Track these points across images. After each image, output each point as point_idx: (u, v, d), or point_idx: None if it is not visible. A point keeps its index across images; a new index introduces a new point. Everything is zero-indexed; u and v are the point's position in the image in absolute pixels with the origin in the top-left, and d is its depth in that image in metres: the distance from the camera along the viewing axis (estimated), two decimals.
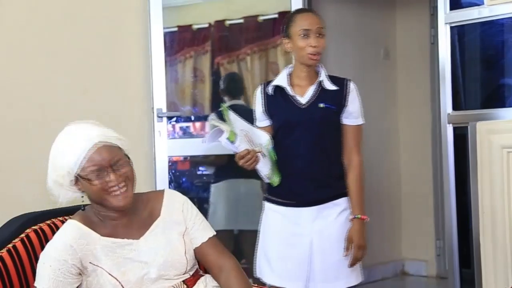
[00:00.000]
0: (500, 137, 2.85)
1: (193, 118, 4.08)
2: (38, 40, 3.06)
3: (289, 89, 2.55)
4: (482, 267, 2.89)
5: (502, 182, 2.82)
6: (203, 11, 4.02)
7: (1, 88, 2.95)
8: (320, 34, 2.51)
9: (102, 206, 1.92)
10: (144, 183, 3.14)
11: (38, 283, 1.86)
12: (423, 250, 4.80)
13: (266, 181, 2.56)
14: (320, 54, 2.51)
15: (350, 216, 2.53)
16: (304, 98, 2.53)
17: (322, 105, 2.51)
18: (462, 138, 3.23)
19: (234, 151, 2.41)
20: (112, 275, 1.88)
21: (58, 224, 2.08)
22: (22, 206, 2.33)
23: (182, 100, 4.01)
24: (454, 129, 3.33)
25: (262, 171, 2.49)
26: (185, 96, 4.02)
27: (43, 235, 2.04)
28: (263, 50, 4.01)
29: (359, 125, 2.59)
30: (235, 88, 3.95)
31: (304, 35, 2.49)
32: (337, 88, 2.54)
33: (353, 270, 2.54)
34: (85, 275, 1.88)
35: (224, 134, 2.34)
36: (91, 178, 1.86)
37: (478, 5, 3.20)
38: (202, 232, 2.04)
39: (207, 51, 4.00)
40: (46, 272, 1.84)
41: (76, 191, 1.93)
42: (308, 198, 2.51)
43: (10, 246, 1.97)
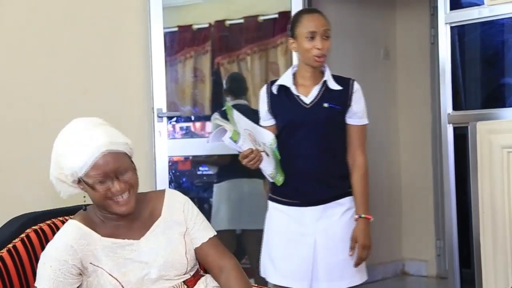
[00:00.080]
0: (500, 137, 2.85)
1: (193, 118, 4.08)
2: (38, 40, 3.05)
3: (293, 88, 2.55)
4: (482, 267, 2.89)
5: (502, 182, 2.82)
6: (203, 11, 4.01)
7: (1, 88, 2.95)
8: (326, 36, 2.50)
9: (103, 209, 1.92)
10: (144, 183, 3.09)
11: (38, 283, 1.85)
12: (423, 250, 4.79)
13: (270, 180, 2.55)
14: (325, 56, 2.50)
15: (355, 215, 2.53)
16: (308, 97, 2.53)
17: (326, 105, 2.50)
18: (462, 138, 3.23)
19: (238, 151, 2.41)
20: (112, 276, 1.87)
21: (58, 224, 2.08)
22: (22, 206, 2.33)
23: (182, 100, 4.00)
24: (454, 129, 3.32)
25: (266, 170, 2.49)
26: (185, 96, 4.02)
27: (43, 235, 2.04)
28: (263, 50, 4.01)
29: (364, 125, 2.58)
30: (238, 88, 3.95)
31: (310, 37, 2.48)
32: (341, 88, 2.53)
33: (358, 270, 2.54)
34: (85, 276, 1.88)
35: (227, 134, 2.33)
36: (95, 184, 1.85)
37: (478, 5, 3.20)
38: (203, 232, 2.04)
39: (207, 51, 3.99)
40: (47, 272, 1.84)
41: (78, 188, 1.92)
42: (312, 197, 2.51)
43: (10, 246, 1.96)
